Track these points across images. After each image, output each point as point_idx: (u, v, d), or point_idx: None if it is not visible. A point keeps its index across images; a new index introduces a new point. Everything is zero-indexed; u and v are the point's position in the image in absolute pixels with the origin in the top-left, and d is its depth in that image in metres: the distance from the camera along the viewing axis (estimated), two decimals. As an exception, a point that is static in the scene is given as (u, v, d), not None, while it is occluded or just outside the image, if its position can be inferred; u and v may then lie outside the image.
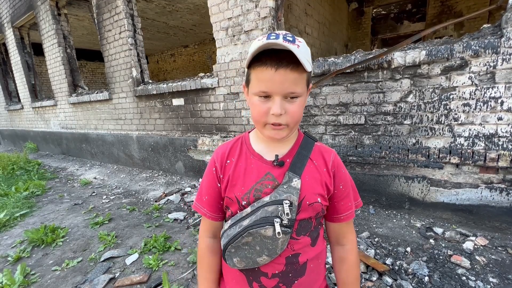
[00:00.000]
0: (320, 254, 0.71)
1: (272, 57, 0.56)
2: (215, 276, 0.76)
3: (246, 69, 0.63)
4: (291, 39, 0.54)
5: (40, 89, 6.77)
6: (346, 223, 0.72)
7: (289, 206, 0.61)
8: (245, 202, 0.65)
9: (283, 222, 0.61)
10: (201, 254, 0.76)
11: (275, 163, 0.67)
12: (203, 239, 0.76)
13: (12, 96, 7.83)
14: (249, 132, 0.76)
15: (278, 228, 0.60)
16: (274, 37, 0.54)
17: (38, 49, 7.27)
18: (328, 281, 1.55)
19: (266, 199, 0.63)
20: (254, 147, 0.70)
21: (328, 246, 0.81)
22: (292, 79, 0.56)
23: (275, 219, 0.60)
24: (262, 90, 0.58)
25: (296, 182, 0.64)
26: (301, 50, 0.54)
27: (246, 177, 0.67)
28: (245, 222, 0.62)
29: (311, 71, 0.61)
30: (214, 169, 0.71)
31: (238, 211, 0.67)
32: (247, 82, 0.63)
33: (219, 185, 0.71)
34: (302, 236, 0.67)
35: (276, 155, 0.67)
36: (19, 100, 7.30)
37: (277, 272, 0.66)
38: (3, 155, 5.60)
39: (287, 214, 0.61)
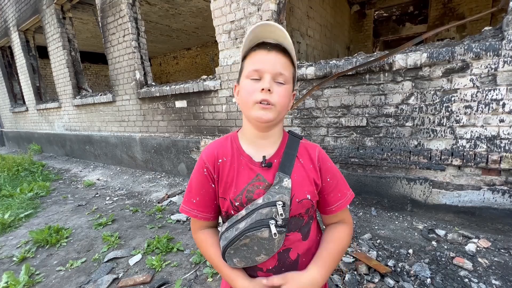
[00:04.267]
0: (312, 248, 0.73)
1: (266, 44, 0.63)
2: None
3: (241, 63, 0.68)
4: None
5: (44, 91, 6.85)
6: (340, 213, 0.74)
7: (282, 206, 0.63)
8: (238, 203, 0.67)
9: (278, 222, 0.62)
10: (203, 239, 0.75)
11: (263, 165, 0.68)
12: (198, 231, 0.77)
13: (17, 98, 7.93)
14: (237, 131, 0.77)
15: (273, 230, 0.62)
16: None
17: (43, 52, 7.36)
18: (330, 283, 1.56)
19: (259, 201, 0.64)
20: (244, 148, 0.72)
21: None
22: (282, 61, 0.63)
23: (270, 221, 0.62)
24: (255, 69, 0.63)
25: (287, 182, 0.65)
26: (290, 40, 0.63)
27: (238, 178, 0.69)
28: (241, 225, 0.64)
29: (295, 72, 0.69)
30: (205, 170, 0.71)
31: (232, 212, 0.68)
32: (240, 74, 0.68)
33: (213, 185, 0.71)
34: (292, 233, 0.69)
35: (264, 156, 0.69)
36: (24, 102, 7.39)
37: (270, 267, 0.68)
38: (8, 156, 5.68)
39: (281, 214, 0.62)
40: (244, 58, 0.67)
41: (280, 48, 0.63)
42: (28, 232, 2.44)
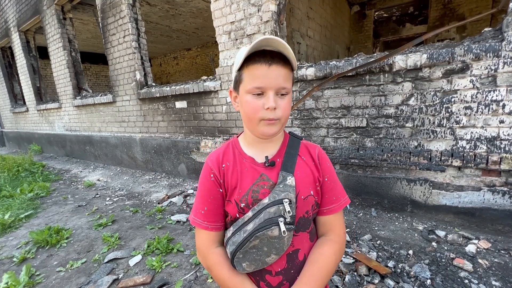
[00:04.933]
0: None
1: (265, 55, 0.61)
2: (242, 276, 0.69)
3: (236, 72, 0.67)
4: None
5: (45, 92, 6.85)
6: (332, 217, 0.72)
7: (289, 204, 0.64)
8: (243, 204, 0.67)
9: (286, 220, 0.63)
10: (218, 264, 0.69)
11: (266, 164, 0.69)
12: (209, 251, 0.70)
13: (17, 98, 7.93)
14: (237, 136, 0.77)
15: (283, 227, 0.62)
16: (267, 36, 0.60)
17: (43, 53, 7.37)
18: (330, 284, 1.56)
19: (266, 201, 0.65)
20: (245, 151, 0.73)
21: None
22: (283, 74, 0.62)
23: (279, 219, 0.63)
24: (257, 86, 0.61)
25: (291, 180, 0.66)
26: (290, 49, 0.61)
27: (242, 180, 0.69)
28: (249, 227, 0.64)
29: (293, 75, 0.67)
30: (212, 175, 0.71)
31: (238, 214, 0.68)
32: (237, 83, 0.67)
33: (221, 190, 0.71)
34: (301, 232, 0.70)
35: (266, 157, 0.70)
36: (24, 102, 7.40)
37: (279, 269, 0.68)
38: (8, 157, 5.68)
39: (289, 212, 0.63)
40: (241, 67, 0.64)
41: (279, 58, 0.61)
42: (28, 232, 2.44)
